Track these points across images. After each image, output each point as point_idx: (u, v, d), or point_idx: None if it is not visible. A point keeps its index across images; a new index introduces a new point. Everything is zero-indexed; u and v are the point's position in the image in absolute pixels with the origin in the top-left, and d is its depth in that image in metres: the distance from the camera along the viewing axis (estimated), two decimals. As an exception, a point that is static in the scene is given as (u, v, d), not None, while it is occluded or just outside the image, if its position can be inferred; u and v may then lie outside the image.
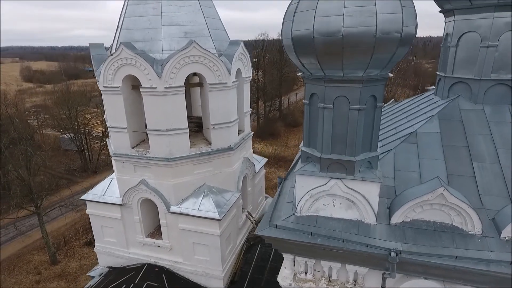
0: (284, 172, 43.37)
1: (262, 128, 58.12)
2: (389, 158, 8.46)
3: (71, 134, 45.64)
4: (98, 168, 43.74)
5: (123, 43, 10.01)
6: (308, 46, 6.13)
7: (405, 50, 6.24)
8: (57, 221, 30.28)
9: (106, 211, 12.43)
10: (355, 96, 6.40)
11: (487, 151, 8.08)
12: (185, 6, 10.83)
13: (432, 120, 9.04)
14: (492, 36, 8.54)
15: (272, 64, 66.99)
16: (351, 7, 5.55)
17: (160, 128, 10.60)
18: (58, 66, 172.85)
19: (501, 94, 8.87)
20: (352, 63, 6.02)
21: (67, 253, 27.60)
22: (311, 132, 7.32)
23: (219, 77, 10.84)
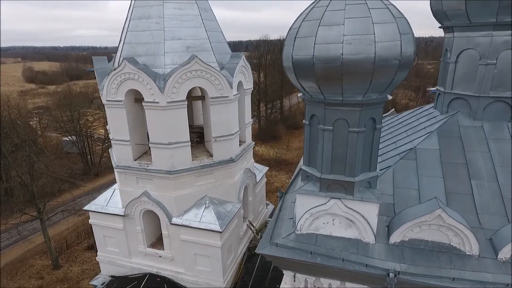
0: (285, 175, 43.50)
1: (263, 130, 58.21)
2: (389, 175, 8.56)
3: (73, 137, 45.84)
4: (100, 171, 43.96)
5: (126, 58, 10.14)
6: (308, 70, 6.24)
7: (404, 74, 6.35)
8: (59, 225, 30.47)
9: (108, 222, 12.55)
10: (354, 119, 6.51)
11: (485, 169, 8.17)
12: (187, 20, 10.94)
13: (431, 136, 9.13)
14: (491, 54, 8.64)
15: (273, 66, 67.10)
16: (350, 35, 5.66)
17: (162, 141, 10.72)
18: (60, 66, 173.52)
19: (500, 110, 8.97)
20: (351, 88, 6.13)
21: (69, 258, 27.79)
22: (311, 151, 7.43)
23: (220, 91, 10.95)
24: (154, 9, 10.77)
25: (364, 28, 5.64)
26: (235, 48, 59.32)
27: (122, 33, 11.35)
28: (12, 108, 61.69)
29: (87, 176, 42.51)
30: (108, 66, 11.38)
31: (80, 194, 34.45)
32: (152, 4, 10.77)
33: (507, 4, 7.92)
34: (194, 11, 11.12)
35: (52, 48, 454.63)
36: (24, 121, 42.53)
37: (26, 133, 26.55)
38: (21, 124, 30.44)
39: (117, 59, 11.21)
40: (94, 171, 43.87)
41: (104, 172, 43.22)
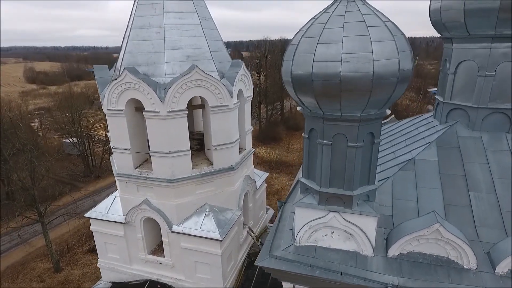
0: (285, 177, 43.55)
1: (264, 132, 58.27)
2: (387, 186, 8.61)
3: (74, 139, 45.96)
4: (101, 172, 44.07)
5: (126, 68, 10.21)
6: (306, 86, 6.30)
7: (402, 90, 6.40)
8: (60, 228, 30.58)
9: (109, 229, 12.62)
10: (353, 134, 6.57)
11: (483, 181, 8.22)
12: (188, 30, 11.00)
13: (430, 147, 9.19)
14: (489, 66, 8.69)
15: (274, 67, 67.11)
16: (349, 54, 5.71)
17: (163, 150, 10.78)
18: (61, 67, 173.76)
19: (499, 122, 9.02)
20: (349, 104, 6.18)
21: (70, 261, 27.90)
22: (310, 164, 7.48)
23: (220, 100, 11.01)
24: (154, 18, 10.83)
25: (362, 46, 5.69)
26: (236, 48, 59.69)
27: (123, 42, 11.42)
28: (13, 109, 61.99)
29: (88, 178, 42.65)
30: (109, 75, 11.45)
31: (81, 197, 34.57)
32: (152, 13, 10.83)
33: (506, 17, 7.96)
34: (194, 21, 11.17)
35: (53, 48, 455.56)
36: (26, 123, 42.69)
37: (28, 136, 26.61)
38: (22, 126, 30.47)
39: (118, 68, 11.28)
40: (95, 173, 43.99)
41: (105, 174, 43.33)
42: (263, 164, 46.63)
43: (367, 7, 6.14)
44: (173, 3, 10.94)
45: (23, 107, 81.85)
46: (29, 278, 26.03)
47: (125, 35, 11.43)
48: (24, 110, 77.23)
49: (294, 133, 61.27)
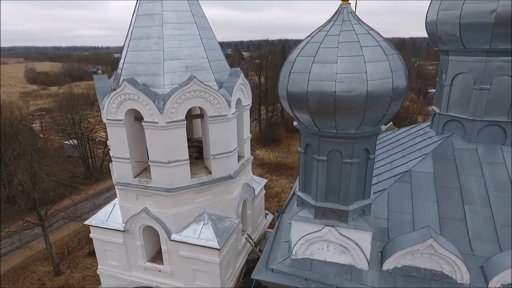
0: (285, 179, 43.60)
1: (264, 134, 58.31)
2: (384, 198, 8.70)
3: (74, 141, 46.05)
4: (101, 175, 44.18)
5: (126, 79, 10.30)
6: (302, 104, 6.40)
7: (397, 107, 6.50)
8: (60, 231, 30.68)
9: (109, 236, 12.72)
10: (348, 151, 6.66)
11: (478, 194, 8.31)
12: (186, 40, 11.08)
13: (426, 158, 9.27)
14: (485, 79, 8.78)
15: (274, 68, 67.09)
16: (343, 74, 5.81)
17: (162, 160, 10.87)
18: (62, 67, 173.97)
19: (494, 134, 9.11)
20: (344, 122, 6.27)
21: (71, 264, 28.02)
22: (306, 178, 7.58)
23: (219, 110, 11.09)
24: (154, 29, 10.92)
25: (356, 66, 5.78)
26: (237, 48, 59.67)
27: (123, 52, 11.52)
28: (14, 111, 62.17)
29: (88, 181, 42.77)
30: (108, 85, 11.53)
31: (81, 200, 34.67)
32: (152, 24, 10.92)
33: (501, 32, 8.05)
34: (193, 31, 11.25)
35: (54, 48, 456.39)
36: (26, 125, 42.76)
37: (28, 141, 26.70)
38: (23, 129, 30.53)
39: (118, 78, 11.37)
40: (96, 176, 44.11)
41: (105, 176, 43.41)
42: (263, 166, 46.71)
43: (362, 26, 6.24)
44: (172, 14, 11.02)
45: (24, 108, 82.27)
46: (30, 281, 26.14)
47: (125, 44, 11.53)
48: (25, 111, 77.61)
49: (295, 135, 61.31)
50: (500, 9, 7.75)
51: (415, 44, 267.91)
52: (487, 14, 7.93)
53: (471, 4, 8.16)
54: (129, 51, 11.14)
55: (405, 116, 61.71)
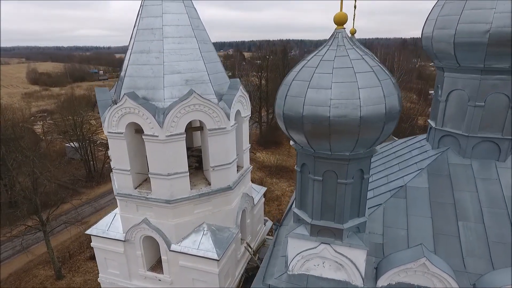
0: (285, 183, 43.73)
1: (265, 136, 58.43)
2: (379, 214, 8.86)
3: (76, 144, 46.28)
4: (102, 178, 44.41)
5: (126, 94, 10.49)
6: (297, 126, 6.56)
7: (391, 128, 6.64)
8: (61, 234, 30.92)
9: (110, 245, 12.92)
10: (342, 171, 6.81)
11: (472, 210, 8.45)
12: (186, 54, 11.25)
13: (422, 174, 9.42)
14: (479, 97, 8.91)
15: (275, 69, 67.21)
16: (337, 100, 5.97)
17: (162, 172, 11.06)
18: (63, 67, 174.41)
19: (489, 150, 9.25)
20: (339, 145, 6.43)
21: (72, 267, 28.24)
22: (302, 195, 7.73)
23: (218, 123, 11.27)
24: (154, 44, 11.09)
25: (350, 93, 5.94)
26: (238, 49, 59.83)
27: (123, 65, 11.71)
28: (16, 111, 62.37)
29: (89, 184, 43.02)
30: (109, 98, 11.72)
31: (83, 202, 34.91)
32: (152, 39, 11.10)
33: (494, 52, 8.18)
34: (193, 45, 11.42)
35: (55, 48, 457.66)
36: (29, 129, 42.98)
37: (30, 146, 26.94)
38: (25, 133, 30.73)
39: (119, 91, 11.54)
40: (97, 178, 44.35)
41: (107, 179, 43.61)
42: (263, 169, 46.84)
43: (356, 51, 6.39)
44: (172, 28, 11.20)
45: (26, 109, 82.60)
46: (31, 285, 26.36)
47: (126, 57, 11.72)
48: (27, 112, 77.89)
49: (295, 137, 61.26)
50: (493, 30, 7.88)
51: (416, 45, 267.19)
52: (481, 34, 8.07)
53: (465, 25, 8.29)
54: (130, 64, 11.32)
55: (406, 117, 61.91)
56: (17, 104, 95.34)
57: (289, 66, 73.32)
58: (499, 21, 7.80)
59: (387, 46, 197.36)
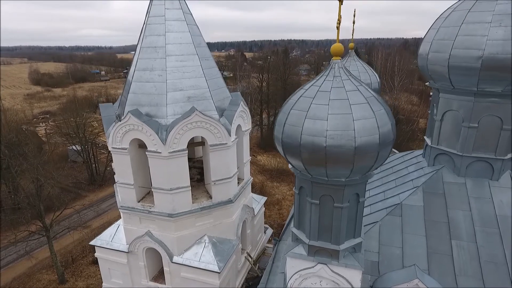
0: (286, 186, 44.00)
1: (266, 139, 58.64)
2: (375, 231, 9.13)
3: (78, 147, 46.66)
4: (104, 181, 44.78)
5: (130, 111, 10.79)
6: (295, 153, 6.83)
7: (386, 155, 6.91)
8: (64, 238, 31.25)
9: (113, 256, 13.23)
10: (339, 196, 7.09)
11: (465, 229, 8.71)
12: (188, 72, 11.55)
13: (417, 192, 9.68)
14: (473, 118, 9.15)
15: (277, 70, 67.29)
16: (333, 131, 6.24)
17: (164, 187, 11.36)
18: (65, 68, 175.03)
19: (482, 169, 9.49)
20: (335, 172, 6.70)
21: (75, 272, 28.59)
22: (300, 216, 8.01)
23: (219, 138, 11.57)
24: (157, 62, 11.39)
25: (345, 124, 6.22)
26: (239, 49, 60.15)
27: (127, 81, 12.01)
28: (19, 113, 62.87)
29: (92, 187, 43.39)
30: (114, 114, 12.02)
31: (85, 206, 35.27)
32: (155, 57, 11.39)
33: (487, 76, 8.44)
34: (195, 62, 11.72)
35: (57, 48, 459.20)
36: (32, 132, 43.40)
37: (34, 154, 27.30)
38: (28, 137, 31.07)
39: (123, 106, 11.83)
40: (99, 181, 44.71)
41: (109, 182, 44.03)
42: (264, 173, 47.12)
43: (351, 82, 6.67)
44: (175, 46, 11.49)
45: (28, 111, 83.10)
46: (35, 289, 26.80)
47: (130, 73, 12.01)
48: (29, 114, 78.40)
49: (296, 140, 61.43)
50: (485, 56, 8.12)
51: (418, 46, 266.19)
52: (474, 60, 8.32)
53: (459, 50, 8.54)
54: (134, 81, 11.62)
55: (407, 120, 62.02)
56: (20, 106, 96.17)
57: (290, 67, 73.64)
58: (491, 48, 8.06)
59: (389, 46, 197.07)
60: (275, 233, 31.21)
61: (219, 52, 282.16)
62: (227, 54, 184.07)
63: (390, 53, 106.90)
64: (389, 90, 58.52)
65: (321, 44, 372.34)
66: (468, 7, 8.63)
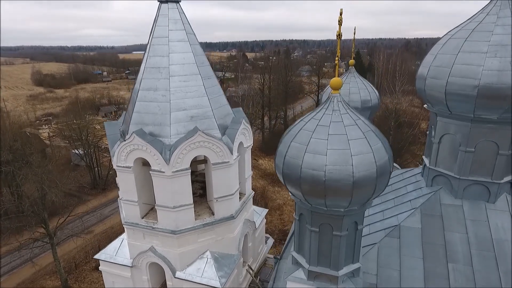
0: (287, 191, 44.11)
1: (267, 142, 58.93)
2: (374, 253, 9.34)
3: (81, 151, 47.00)
4: (107, 185, 45.11)
5: (135, 132, 11.03)
6: (295, 184, 7.07)
7: (383, 186, 7.14)
8: (67, 244, 31.57)
9: (117, 270, 13.49)
10: (338, 224, 7.33)
11: (462, 252, 8.93)
12: (191, 91, 11.77)
13: (415, 213, 9.90)
14: (470, 143, 9.36)
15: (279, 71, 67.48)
16: (331, 166, 6.48)
17: (168, 205, 11.60)
18: (68, 68, 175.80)
19: (479, 192, 9.70)
20: (333, 203, 6.94)
21: (78, 278, 28.93)
22: (300, 242, 8.25)
23: (221, 157, 11.79)
24: (161, 82, 11.61)
25: (343, 160, 6.45)
26: (241, 49, 60.36)
27: (132, 99, 12.26)
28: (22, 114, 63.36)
29: (94, 191, 43.74)
30: (118, 132, 12.27)
31: (88, 210, 35.62)
32: (159, 77, 11.61)
33: (483, 104, 8.64)
34: (197, 82, 11.93)
35: (60, 48, 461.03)
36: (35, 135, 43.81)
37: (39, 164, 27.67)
38: (34, 153, 31.38)
39: (127, 124, 12.07)
40: (102, 185, 45.05)
41: (111, 186, 44.34)
42: (265, 177, 47.34)
43: (350, 116, 6.90)
44: (178, 67, 11.71)
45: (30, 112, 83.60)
46: (38, 295, 27.14)
47: (134, 91, 12.25)
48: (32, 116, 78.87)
49: (297, 143, 61.60)
50: (481, 86, 8.33)
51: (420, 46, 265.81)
52: (471, 88, 8.52)
53: (456, 78, 8.74)
54: (138, 100, 11.86)
55: (409, 124, 62.13)
56: (23, 107, 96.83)
57: (292, 69, 73.84)
58: (487, 78, 8.26)
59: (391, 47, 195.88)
60: (276, 239, 31.47)
61: (221, 53, 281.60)
62: (229, 54, 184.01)
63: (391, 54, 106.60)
64: (390, 93, 58.69)
65: (323, 44, 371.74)
66: (465, 36, 8.84)
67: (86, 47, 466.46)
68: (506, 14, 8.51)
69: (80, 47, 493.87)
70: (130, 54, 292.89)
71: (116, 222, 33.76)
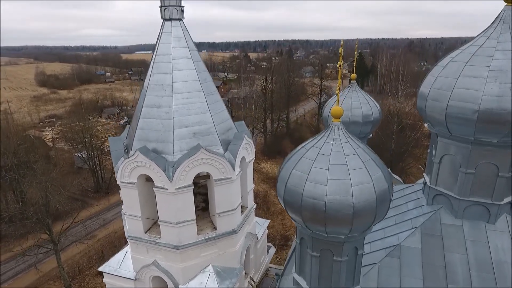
0: (289, 195, 44.16)
1: (269, 146, 59.06)
2: (374, 273, 9.44)
3: (84, 154, 47.26)
4: (110, 188, 45.37)
5: (138, 149, 11.19)
6: (296, 211, 7.19)
7: (383, 213, 7.24)
8: (70, 248, 31.85)
9: (121, 282, 13.65)
10: (338, 250, 7.44)
11: (461, 273, 9.01)
12: (194, 108, 11.90)
13: (415, 233, 9.99)
14: (470, 164, 9.43)
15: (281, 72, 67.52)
16: (332, 196, 6.59)
17: (171, 220, 11.75)
18: (71, 68, 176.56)
19: (479, 212, 9.78)
20: (334, 230, 7.05)
21: (81, 283, 29.18)
22: (301, 264, 8.37)
23: (224, 173, 11.92)
24: (164, 99, 11.76)
25: (344, 190, 6.56)
26: (243, 49, 60.57)
27: (135, 115, 12.42)
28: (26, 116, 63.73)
29: (98, 194, 44.01)
30: (122, 148, 12.43)
31: (91, 215, 35.89)
32: (162, 94, 11.75)
33: (483, 128, 8.72)
34: (200, 99, 12.07)
35: (63, 48, 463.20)
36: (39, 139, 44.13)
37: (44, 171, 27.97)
38: (38, 160, 31.66)
39: (131, 139, 12.22)
40: (105, 189, 45.32)
41: (114, 189, 44.58)
42: (267, 181, 47.44)
43: (350, 145, 7.01)
44: (181, 84, 11.85)
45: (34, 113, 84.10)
46: (43, 300, 27.39)
47: (138, 107, 12.40)
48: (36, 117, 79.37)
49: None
50: (481, 111, 8.40)
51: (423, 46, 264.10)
52: (471, 112, 8.60)
53: (456, 101, 8.83)
54: (142, 117, 12.01)
55: (411, 127, 62.07)
56: (26, 108, 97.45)
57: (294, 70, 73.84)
58: (487, 103, 8.34)
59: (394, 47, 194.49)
60: (278, 245, 31.58)
61: (223, 53, 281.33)
62: (231, 55, 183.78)
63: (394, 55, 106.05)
64: (393, 97, 58.64)
65: (325, 44, 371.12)
66: (466, 60, 8.92)
67: (90, 47, 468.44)
68: (506, 39, 8.58)
69: (83, 47, 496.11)
70: (133, 54, 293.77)
71: (119, 226, 33.97)
